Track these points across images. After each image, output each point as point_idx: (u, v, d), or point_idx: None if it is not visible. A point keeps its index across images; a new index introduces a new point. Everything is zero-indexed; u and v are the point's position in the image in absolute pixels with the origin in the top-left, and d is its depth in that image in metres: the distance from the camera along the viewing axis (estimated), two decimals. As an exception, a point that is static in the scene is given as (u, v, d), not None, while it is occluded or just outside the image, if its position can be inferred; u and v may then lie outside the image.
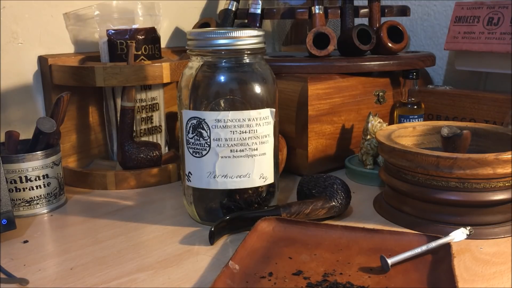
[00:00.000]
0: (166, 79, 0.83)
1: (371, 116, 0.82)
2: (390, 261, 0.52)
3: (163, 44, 1.04)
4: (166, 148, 0.96)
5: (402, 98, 0.92)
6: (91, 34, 0.92)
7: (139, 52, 0.88)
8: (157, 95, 0.92)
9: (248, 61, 0.64)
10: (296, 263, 0.54)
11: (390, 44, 0.91)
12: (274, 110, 0.64)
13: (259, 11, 0.96)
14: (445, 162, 0.60)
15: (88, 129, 0.91)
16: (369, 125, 0.82)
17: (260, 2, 0.95)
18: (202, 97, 0.63)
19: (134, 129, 0.87)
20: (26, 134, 0.81)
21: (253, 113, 0.62)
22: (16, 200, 0.71)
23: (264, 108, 0.63)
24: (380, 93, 0.92)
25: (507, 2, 0.88)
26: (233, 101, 0.63)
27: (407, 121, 0.90)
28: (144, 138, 0.91)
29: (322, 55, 0.88)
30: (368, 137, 0.82)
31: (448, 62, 1.08)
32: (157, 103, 0.92)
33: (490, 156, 0.59)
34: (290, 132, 0.85)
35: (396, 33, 0.92)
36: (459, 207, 0.62)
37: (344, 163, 0.87)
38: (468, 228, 0.57)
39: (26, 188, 0.71)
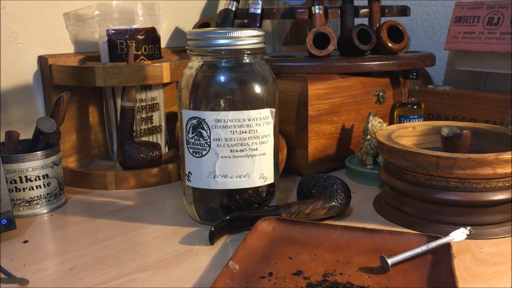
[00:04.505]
0: (166, 79, 0.83)
1: (371, 116, 0.82)
2: (390, 261, 0.52)
3: (163, 44, 1.04)
4: (166, 148, 0.96)
5: (402, 98, 0.92)
6: (91, 34, 0.92)
7: (139, 52, 0.88)
8: (157, 95, 0.92)
9: (248, 61, 0.64)
10: (296, 263, 0.54)
11: (390, 44, 0.91)
12: (274, 110, 0.64)
13: (259, 11, 0.96)
14: (445, 162, 0.60)
15: (88, 129, 0.91)
16: (369, 125, 0.82)
17: (260, 2, 0.95)
18: (202, 97, 0.63)
19: (134, 129, 0.87)
20: (26, 134, 0.81)
21: (253, 113, 0.62)
22: (16, 200, 0.71)
23: (264, 108, 0.63)
24: (380, 93, 0.92)
25: (507, 2, 0.88)
26: (233, 101, 0.63)
27: (407, 121, 0.90)
28: (144, 138, 0.91)
29: (322, 55, 0.88)
30: (368, 137, 0.82)
31: (448, 62, 1.08)
32: (157, 103, 0.92)
33: (490, 156, 0.59)
34: (290, 132, 0.85)
35: (396, 33, 0.92)
36: (459, 207, 0.62)
37: (344, 163, 0.87)
38: (468, 228, 0.57)
39: (26, 188, 0.71)
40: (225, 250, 0.60)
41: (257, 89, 0.64)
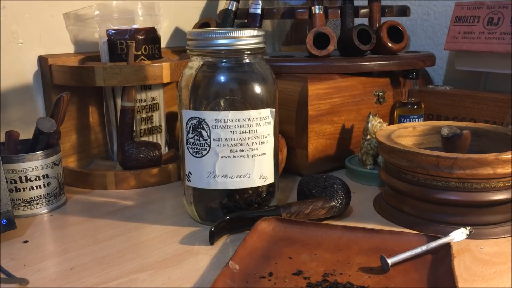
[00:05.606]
0: (166, 79, 0.83)
1: (371, 116, 0.82)
2: (390, 261, 0.52)
3: (163, 44, 1.04)
4: (166, 148, 0.96)
5: (402, 98, 0.92)
6: (91, 34, 0.92)
7: (139, 52, 0.88)
8: (157, 95, 0.92)
9: (248, 61, 0.64)
10: (296, 263, 0.54)
11: (390, 44, 0.91)
12: (274, 110, 0.64)
13: (259, 11, 0.96)
14: (445, 162, 0.60)
15: (88, 129, 0.91)
16: (369, 125, 0.82)
17: (260, 2, 0.95)
18: (202, 97, 0.63)
19: (134, 129, 0.87)
20: (26, 134, 0.81)
21: (253, 113, 0.62)
22: (16, 200, 0.71)
23: (264, 108, 0.63)
24: (380, 93, 0.92)
25: (507, 2, 0.88)
26: (233, 101, 0.63)
27: (407, 121, 0.90)
28: (144, 138, 0.91)
29: (322, 55, 0.88)
30: (368, 137, 0.82)
31: (448, 62, 1.08)
32: (157, 103, 0.92)
33: (490, 156, 0.59)
34: (290, 132, 0.85)
35: (396, 33, 0.92)
36: (459, 207, 0.62)
37: (344, 163, 0.87)
38: (468, 228, 0.57)
39: (26, 188, 0.71)
40: (225, 250, 0.60)
41: (257, 89, 0.64)
